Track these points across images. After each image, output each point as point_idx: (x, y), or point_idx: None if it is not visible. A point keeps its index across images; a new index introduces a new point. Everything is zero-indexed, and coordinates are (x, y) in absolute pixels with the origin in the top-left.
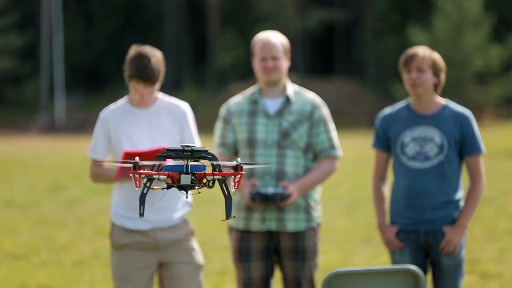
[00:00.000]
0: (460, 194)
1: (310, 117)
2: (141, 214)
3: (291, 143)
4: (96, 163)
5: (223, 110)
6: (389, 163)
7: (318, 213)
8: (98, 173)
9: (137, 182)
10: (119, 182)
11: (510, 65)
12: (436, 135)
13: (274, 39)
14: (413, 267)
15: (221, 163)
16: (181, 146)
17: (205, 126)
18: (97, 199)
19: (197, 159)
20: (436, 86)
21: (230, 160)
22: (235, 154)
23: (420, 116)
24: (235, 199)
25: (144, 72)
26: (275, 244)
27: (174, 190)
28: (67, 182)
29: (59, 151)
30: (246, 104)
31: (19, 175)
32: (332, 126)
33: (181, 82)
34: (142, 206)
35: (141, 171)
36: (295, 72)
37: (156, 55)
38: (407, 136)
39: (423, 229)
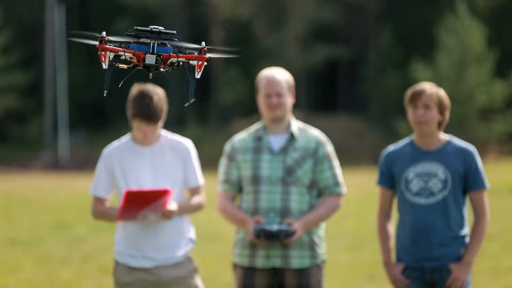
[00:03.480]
0: (466, 230)
1: (315, 154)
2: (105, 90)
3: (295, 179)
4: (98, 200)
5: (227, 147)
6: (394, 200)
7: (322, 249)
8: (100, 211)
9: (102, 57)
10: (121, 221)
11: None
12: (440, 171)
13: (278, 75)
14: None
15: (188, 45)
16: (150, 27)
17: (209, 163)
18: (101, 237)
19: (164, 40)
20: (440, 124)
21: (234, 198)
22: (240, 190)
23: (424, 152)
24: (239, 236)
25: (146, 111)
26: (280, 281)
27: (177, 226)
28: (70, 220)
29: (63, 188)
30: (250, 140)
31: (23, 212)
32: (336, 162)
33: (185, 119)
34: (106, 83)
35: (108, 46)
36: (298, 109)
37: (158, 94)
38: (411, 172)
39: (429, 266)
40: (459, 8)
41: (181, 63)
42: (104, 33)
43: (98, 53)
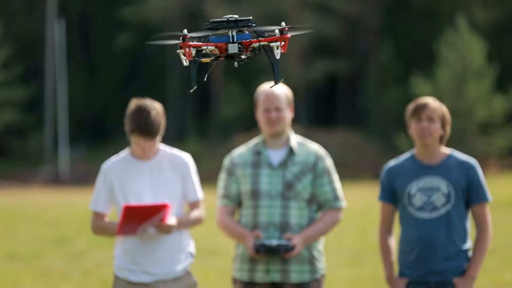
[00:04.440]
0: (469, 244)
1: (314, 168)
2: (192, 87)
3: (295, 194)
4: (98, 216)
5: (226, 162)
6: (395, 215)
7: (322, 264)
8: (99, 226)
9: (188, 55)
10: (120, 236)
11: None
12: (442, 185)
13: (277, 90)
14: None
15: (266, 28)
16: (225, 17)
17: (208, 177)
18: (101, 251)
19: (242, 27)
20: (441, 138)
21: (234, 213)
22: (239, 205)
23: (426, 166)
24: (238, 250)
25: (144, 126)
26: None
27: (177, 241)
28: (71, 234)
29: (63, 203)
30: (249, 155)
31: (23, 227)
32: (335, 177)
33: (185, 133)
34: (193, 79)
35: (191, 43)
36: (298, 123)
37: (156, 108)
38: (414, 187)
39: (433, 281)
40: (459, 23)
41: (262, 47)
42: (185, 31)
43: (180, 50)
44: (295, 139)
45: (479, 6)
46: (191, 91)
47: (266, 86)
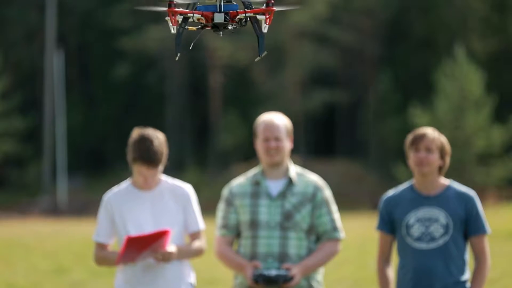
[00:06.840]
0: (467, 275)
1: (313, 199)
2: (176, 54)
3: (294, 224)
4: (100, 246)
5: (225, 192)
6: (394, 245)
7: None
8: (102, 256)
9: (173, 21)
10: (120, 265)
11: None
12: (441, 216)
13: (277, 120)
14: None
15: (253, 0)
16: None
17: (207, 207)
18: (100, 282)
19: None
20: (440, 168)
21: (232, 243)
22: (238, 235)
23: (425, 197)
24: (237, 280)
25: (147, 155)
26: None
27: (177, 271)
28: (69, 265)
29: (62, 234)
30: (248, 185)
31: (21, 257)
32: (334, 207)
33: (183, 163)
34: (177, 46)
35: (177, 9)
36: (297, 153)
37: (158, 138)
38: (412, 217)
39: None
40: (457, 54)
41: (248, 18)
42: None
43: (167, 17)
44: (294, 169)
45: (477, 37)
46: (176, 59)
47: (265, 116)
